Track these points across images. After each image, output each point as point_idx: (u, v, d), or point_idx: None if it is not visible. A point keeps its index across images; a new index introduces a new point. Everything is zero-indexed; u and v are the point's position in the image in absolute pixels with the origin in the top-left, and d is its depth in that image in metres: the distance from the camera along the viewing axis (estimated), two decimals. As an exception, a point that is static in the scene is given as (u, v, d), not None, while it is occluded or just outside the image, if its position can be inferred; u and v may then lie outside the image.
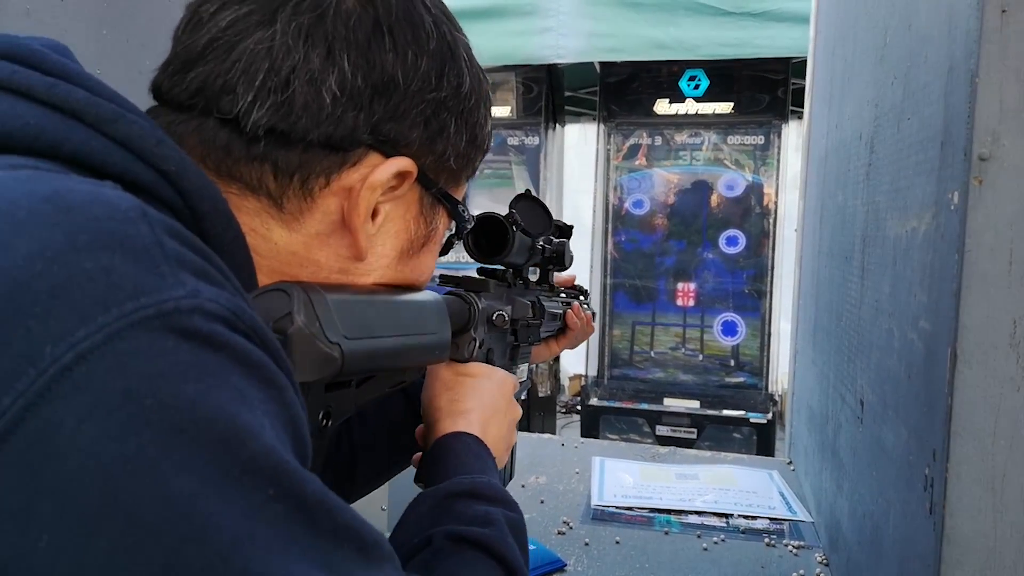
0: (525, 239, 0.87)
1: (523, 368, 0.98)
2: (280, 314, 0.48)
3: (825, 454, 1.23)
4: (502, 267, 0.89)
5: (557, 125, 4.19)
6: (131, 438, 0.30)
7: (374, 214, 0.55)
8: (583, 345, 3.85)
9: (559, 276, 1.16)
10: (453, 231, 0.66)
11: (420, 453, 0.71)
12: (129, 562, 0.29)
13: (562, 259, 1.01)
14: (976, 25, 0.59)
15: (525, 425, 3.62)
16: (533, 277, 1.01)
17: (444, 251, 0.67)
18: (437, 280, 0.80)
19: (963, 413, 0.61)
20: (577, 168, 4.48)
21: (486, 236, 0.84)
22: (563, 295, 1.12)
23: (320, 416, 0.55)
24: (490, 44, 3.33)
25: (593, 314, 1.19)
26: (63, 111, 0.40)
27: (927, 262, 0.69)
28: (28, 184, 0.34)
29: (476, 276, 0.85)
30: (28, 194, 0.33)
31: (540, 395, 3.95)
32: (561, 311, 1.07)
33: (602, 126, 3.88)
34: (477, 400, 0.72)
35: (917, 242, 0.73)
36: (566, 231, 1.04)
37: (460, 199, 0.63)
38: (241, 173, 0.50)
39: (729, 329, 3.77)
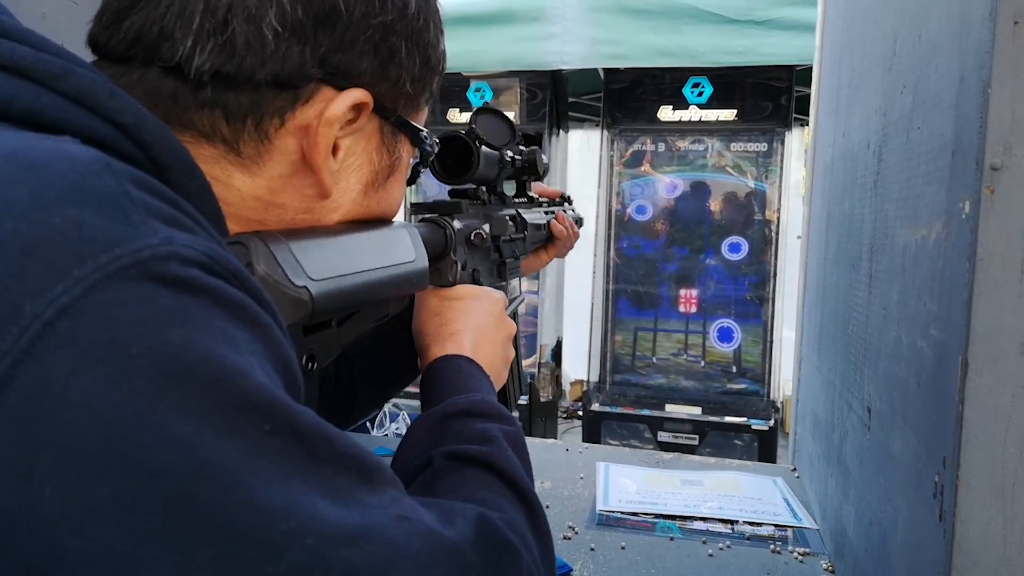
0: (491, 153, 0.86)
1: (514, 283, 0.97)
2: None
3: (831, 461, 1.24)
4: (474, 185, 0.88)
5: (561, 131, 4.20)
6: (122, 386, 0.30)
7: (335, 150, 0.54)
8: (585, 350, 3.87)
9: (544, 188, 1.14)
10: (418, 158, 0.65)
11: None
12: (135, 504, 0.30)
13: (535, 167, 1.00)
14: (988, 37, 0.60)
15: (526, 431, 3.62)
16: (511, 192, 1.00)
17: (412, 180, 0.67)
18: (410, 209, 0.79)
19: (974, 420, 0.61)
20: (580, 174, 4.49)
21: (451, 156, 0.83)
22: (545, 205, 1.11)
23: (304, 359, 0.55)
24: (495, 50, 3.35)
25: (578, 220, 1.17)
26: (8, 70, 0.39)
27: (937, 270, 0.70)
28: None
29: (448, 200, 0.84)
30: None
31: (542, 400, 3.96)
32: (544, 221, 1.06)
33: (605, 132, 3.90)
34: (464, 321, 0.73)
35: (927, 250, 0.73)
36: (534, 139, 1.03)
37: (422, 124, 0.62)
38: (192, 121, 0.49)
39: (725, 335, 3.77)
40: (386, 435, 1.93)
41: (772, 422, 3.55)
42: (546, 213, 1.07)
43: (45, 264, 0.31)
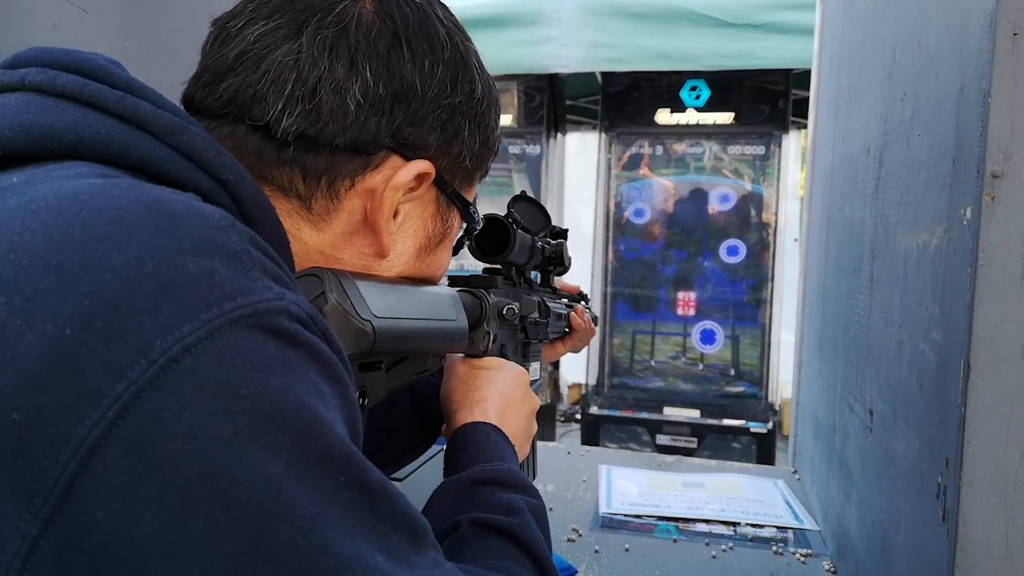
0: (526, 238, 0.90)
1: (535, 366, 1.00)
2: (314, 295, 0.52)
3: (832, 463, 1.25)
4: (504, 267, 0.91)
5: (558, 134, 4.22)
6: (228, 424, 0.33)
7: (395, 214, 0.58)
8: (583, 353, 3.88)
9: (564, 283, 1.18)
10: (464, 231, 0.69)
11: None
12: (223, 537, 0.32)
13: (561, 259, 1.03)
14: (988, 47, 0.61)
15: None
16: (535, 280, 1.04)
17: (456, 250, 0.71)
18: (446, 282, 0.82)
19: (976, 422, 0.62)
20: (578, 177, 4.50)
21: (488, 236, 0.87)
22: (565, 299, 1.14)
23: (357, 395, 0.58)
24: (493, 53, 3.33)
25: (595, 318, 1.22)
26: (130, 122, 0.43)
27: (939, 275, 0.71)
28: (132, 192, 0.37)
29: (483, 275, 0.87)
30: (135, 201, 0.36)
31: (540, 403, 3.96)
32: (565, 312, 1.10)
33: (603, 135, 3.91)
34: (493, 390, 0.75)
35: (928, 255, 0.74)
36: (562, 233, 1.07)
37: (472, 200, 0.67)
38: (273, 176, 0.53)
39: (707, 337, 3.79)
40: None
41: (770, 425, 3.57)
42: (566, 306, 1.11)
43: (177, 305, 0.34)
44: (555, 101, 4.09)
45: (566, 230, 1.08)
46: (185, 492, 0.32)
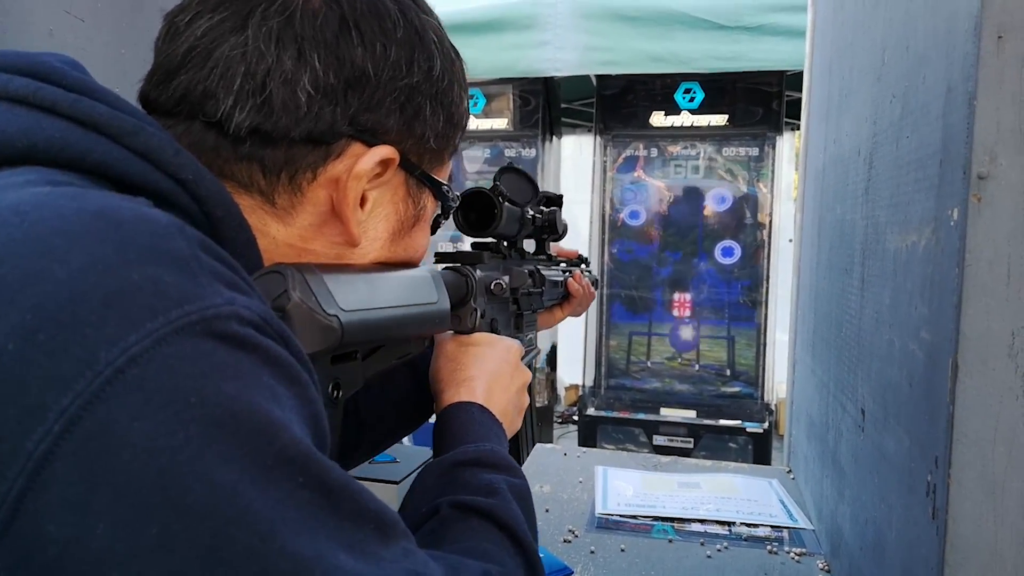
0: (513, 209, 0.89)
1: (531, 336, 1.00)
2: (277, 293, 0.51)
3: (826, 462, 1.26)
4: (495, 240, 0.91)
5: (553, 137, 4.23)
6: (179, 432, 0.33)
7: (362, 201, 0.57)
8: (580, 355, 3.89)
9: (562, 249, 1.18)
10: (440, 210, 0.68)
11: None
12: (178, 545, 0.32)
13: (555, 226, 1.03)
14: (973, 50, 0.62)
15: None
16: (530, 250, 1.03)
17: (433, 230, 0.69)
18: (433, 260, 0.82)
19: (964, 421, 0.63)
20: (573, 179, 4.51)
21: (475, 211, 0.86)
22: (563, 264, 1.14)
23: (330, 388, 0.58)
24: (488, 57, 3.36)
25: (595, 281, 1.21)
26: (86, 125, 0.42)
27: (928, 275, 0.72)
28: (77, 201, 0.37)
29: (470, 251, 0.87)
30: (79, 210, 0.36)
31: (537, 405, 3.96)
32: (562, 279, 1.09)
33: (598, 138, 3.92)
34: (480, 368, 0.74)
35: (917, 256, 0.75)
36: (555, 200, 1.06)
37: (445, 177, 0.65)
38: (232, 172, 0.52)
39: (677, 337, 3.82)
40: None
41: (766, 424, 3.58)
42: (564, 272, 1.10)
43: (122, 315, 0.33)
44: (550, 104, 4.10)
45: (560, 196, 1.07)
46: (138, 502, 0.31)
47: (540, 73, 3.48)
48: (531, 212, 0.95)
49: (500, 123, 4.01)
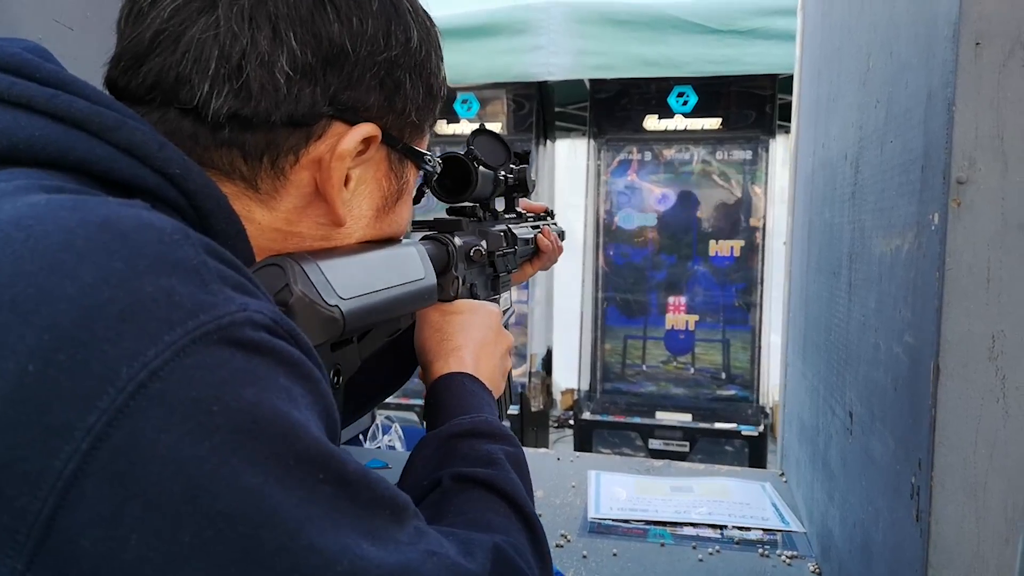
0: (488, 172, 0.90)
1: (505, 296, 1.00)
2: (278, 287, 0.50)
3: (816, 465, 1.26)
4: (470, 203, 0.91)
5: (548, 141, 4.24)
6: (204, 442, 0.33)
7: (346, 180, 0.56)
8: (575, 359, 3.89)
9: (529, 204, 1.18)
10: (422, 179, 0.68)
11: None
12: (212, 550, 0.33)
13: (525, 185, 1.03)
14: (952, 56, 0.62)
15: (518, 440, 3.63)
16: (500, 208, 1.03)
17: (416, 200, 0.69)
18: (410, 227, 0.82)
19: (946, 424, 0.63)
20: (567, 183, 4.52)
21: (450, 176, 0.86)
22: (531, 220, 1.14)
23: (332, 374, 0.58)
24: (482, 62, 3.38)
25: (560, 233, 1.21)
26: (65, 121, 0.41)
27: (911, 279, 0.72)
28: (78, 212, 0.36)
29: (448, 217, 0.87)
30: (82, 222, 0.35)
31: (533, 410, 3.97)
32: (532, 235, 1.10)
33: (592, 142, 3.93)
34: (466, 335, 0.75)
35: (901, 260, 0.76)
36: (524, 158, 1.06)
37: (424, 147, 0.64)
38: (212, 159, 0.51)
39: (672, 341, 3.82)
40: (379, 447, 1.94)
41: (762, 427, 3.58)
42: (532, 227, 1.10)
43: (139, 329, 0.33)
44: (544, 108, 4.11)
45: (527, 152, 1.06)
46: (169, 512, 0.32)
47: (534, 77, 3.49)
48: (503, 173, 0.95)
49: (494, 127, 4.01)
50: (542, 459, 1.75)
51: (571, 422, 4.37)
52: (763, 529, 1.33)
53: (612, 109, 3.89)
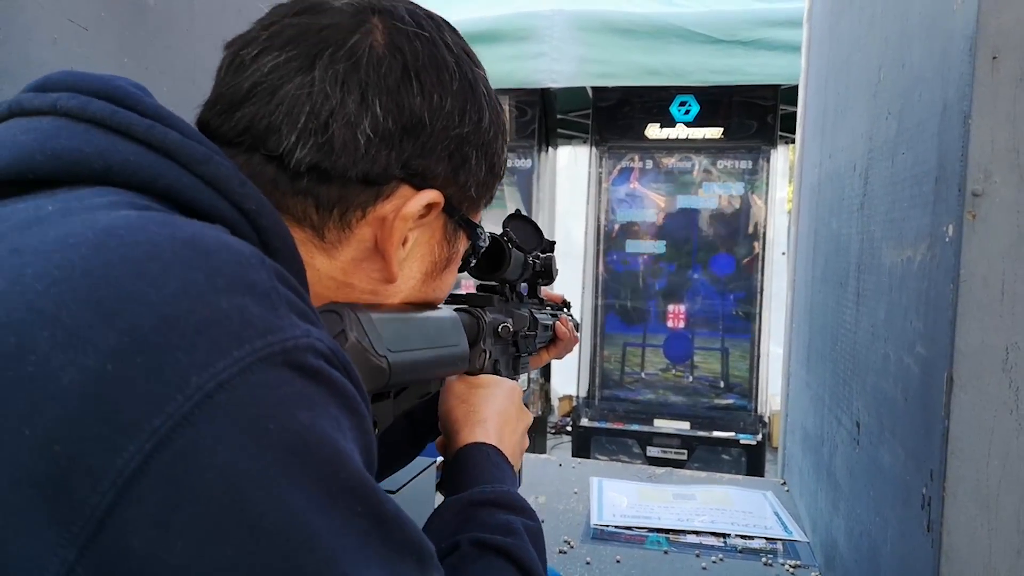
0: (519, 255, 0.92)
1: (523, 378, 1.02)
2: (334, 332, 0.53)
3: (821, 475, 1.26)
4: (498, 283, 0.93)
5: (549, 148, 4.24)
6: (258, 458, 0.34)
7: (404, 241, 0.59)
8: (574, 365, 3.89)
9: (549, 293, 1.21)
10: (471, 251, 0.70)
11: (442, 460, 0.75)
12: (251, 565, 0.33)
13: (550, 272, 1.06)
14: (969, 70, 0.63)
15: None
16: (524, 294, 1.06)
17: (462, 269, 0.72)
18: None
19: (959, 435, 0.64)
20: (568, 190, 4.52)
21: (485, 255, 0.89)
22: (550, 308, 1.17)
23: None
24: (485, 68, 3.38)
25: (576, 325, 1.24)
26: (158, 150, 0.44)
27: (923, 290, 0.73)
28: (168, 227, 0.38)
29: (481, 293, 0.89)
30: (171, 237, 0.37)
31: (532, 416, 3.96)
32: (551, 322, 1.12)
33: (594, 149, 3.93)
34: (491, 409, 0.77)
35: (912, 271, 0.76)
36: (549, 246, 1.09)
37: (478, 221, 0.68)
38: (288, 205, 0.54)
39: (674, 348, 3.82)
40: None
41: (760, 436, 3.58)
42: (551, 315, 1.13)
43: (212, 342, 0.35)
44: (546, 115, 4.12)
45: (553, 242, 1.10)
46: (216, 522, 0.33)
47: (536, 84, 3.49)
48: (532, 258, 0.98)
49: (496, 132, 4.02)
50: (544, 465, 1.75)
51: (568, 428, 4.36)
52: (766, 538, 1.33)
53: (614, 117, 3.89)
